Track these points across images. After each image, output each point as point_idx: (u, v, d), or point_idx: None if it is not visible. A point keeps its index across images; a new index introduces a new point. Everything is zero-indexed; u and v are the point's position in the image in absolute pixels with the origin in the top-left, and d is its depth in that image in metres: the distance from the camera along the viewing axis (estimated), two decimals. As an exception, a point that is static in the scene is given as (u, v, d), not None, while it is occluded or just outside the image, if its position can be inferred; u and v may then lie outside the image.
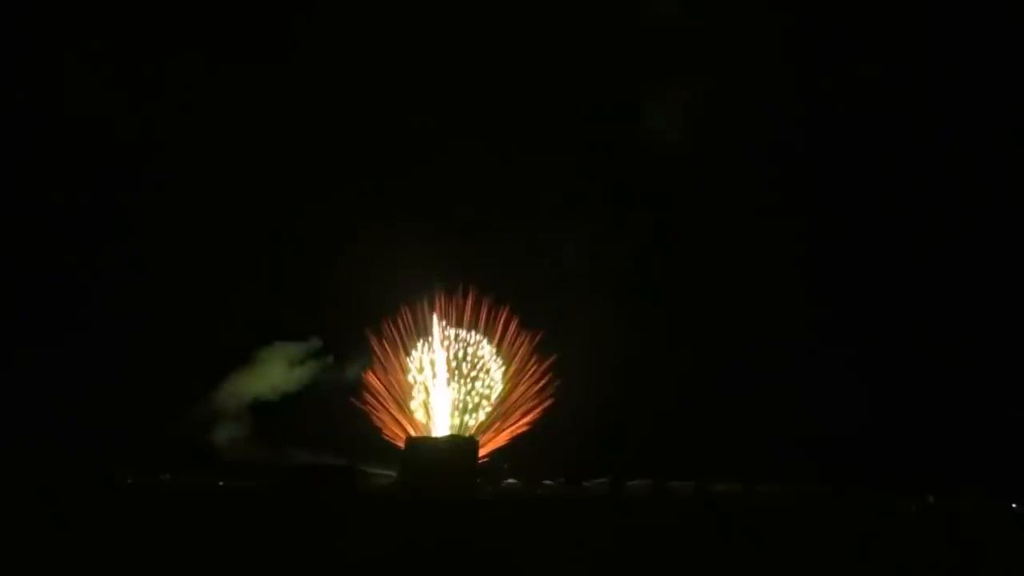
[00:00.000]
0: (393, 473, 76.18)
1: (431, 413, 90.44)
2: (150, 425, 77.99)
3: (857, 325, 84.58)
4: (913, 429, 77.21)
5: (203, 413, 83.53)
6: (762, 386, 77.75)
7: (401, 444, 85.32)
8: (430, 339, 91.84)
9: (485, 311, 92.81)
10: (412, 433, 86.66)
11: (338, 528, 40.13)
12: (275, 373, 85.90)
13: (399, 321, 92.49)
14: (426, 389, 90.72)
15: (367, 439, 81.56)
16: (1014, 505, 71.73)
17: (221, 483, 68.34)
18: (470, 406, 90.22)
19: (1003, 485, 71.35)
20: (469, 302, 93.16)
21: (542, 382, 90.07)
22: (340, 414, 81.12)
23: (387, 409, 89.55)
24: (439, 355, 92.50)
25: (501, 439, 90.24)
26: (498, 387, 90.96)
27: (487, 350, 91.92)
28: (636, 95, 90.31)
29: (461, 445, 78.03)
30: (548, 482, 77.94)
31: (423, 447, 77.09)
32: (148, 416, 78.45)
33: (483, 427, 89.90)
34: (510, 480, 78.10)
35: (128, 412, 78.60)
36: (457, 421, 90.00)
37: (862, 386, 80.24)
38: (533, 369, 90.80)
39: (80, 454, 72.05)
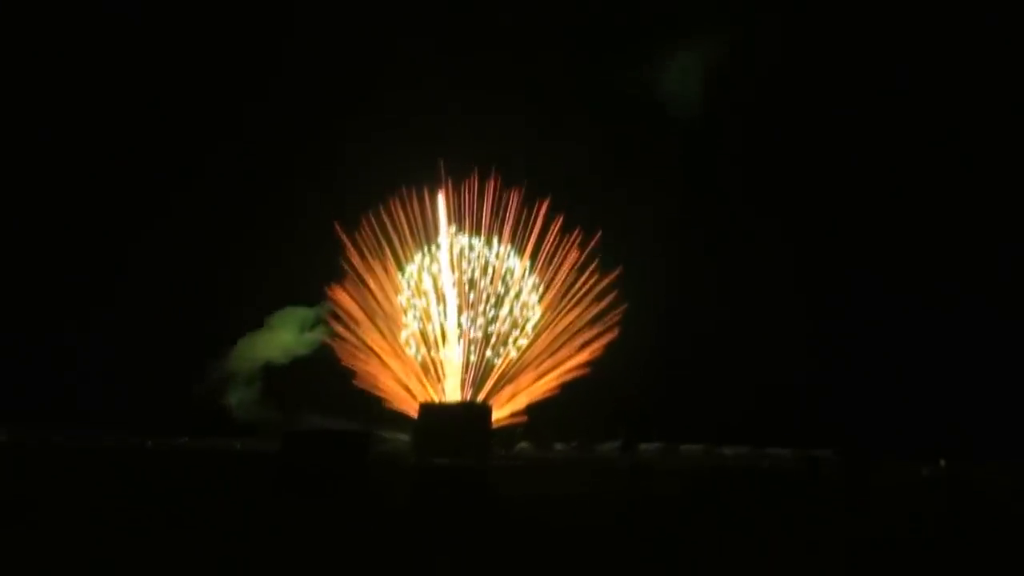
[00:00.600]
0: (406, 437, 77.42)
1: (435, 348, 69.15)
2: (164, 390, 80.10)
3: (871, 286, 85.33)
4: (924, 392, 78.27)
5: (215, 378, 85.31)
6: (773, 349, 78.73)
7: (386, 397, 73.84)
8: (434, 249, 67.83)
9: (514, 206, 67.08)
10: (403, 379, 71.68)
11: (352, 493, 41.30)
12: (286, 337, 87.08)
13: (387, 218, 68.36)
14: (426, 315, 68.16)
15: (379, 403, 79.27)
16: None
17: (238, 446, 69.85)
18: (494, 339, 67.88)
19: (1017, 449, 72.36)
20: (490, 193, 67.36)
21: (601, 305, 67.03)
22: (351, 378, 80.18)
23: (364, 342, 69.37)
24: (447, 268, 67.20)
25: (545, 387, 67.67)
26: (534, 314, 67.74)
27: (517, 263, 67.78)
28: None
29: (474, 410, 73.93)
30: (559, 446, 78.68)
31: (436, 412, 73.82)
32: (162, 381, 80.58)
33: (514, 367, 68.32)
34: (522, 444, 77.97)
35: (143, 377, 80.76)
36: (475, 358, 68.91)
37: (873, 350, 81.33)
38: (587, 287, 67.90)
39: (99, 418, 74.22)
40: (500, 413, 72.78)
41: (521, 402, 70.01)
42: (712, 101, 77.63)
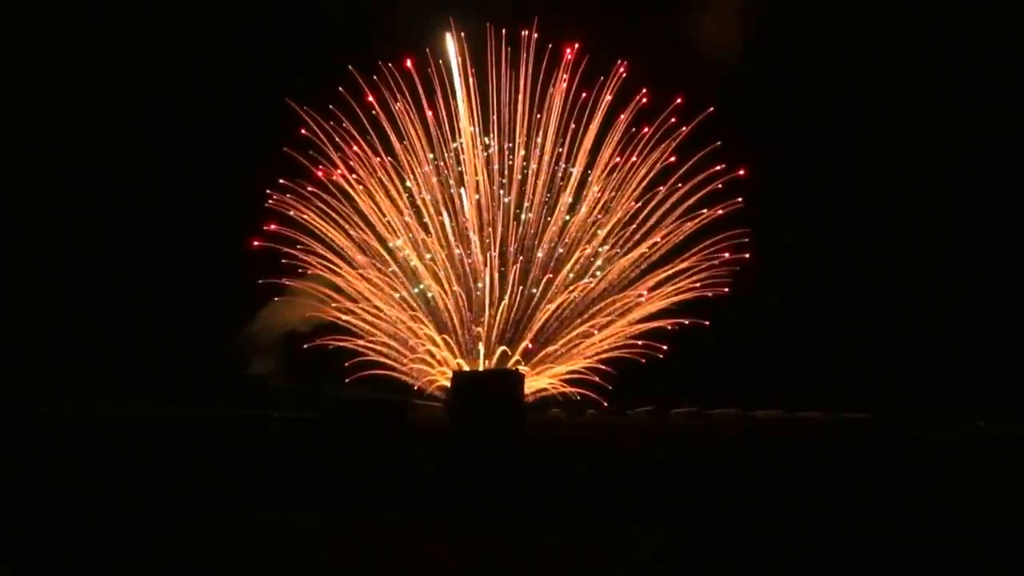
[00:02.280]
0: (438, 404, 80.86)
1: (446, 289, 54.22)
2: (188, 361, 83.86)
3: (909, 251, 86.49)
4: (961, 354, 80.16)
5: (238, 348, 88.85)
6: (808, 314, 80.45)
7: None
8: (456, 146, 51.10)
9: (565, 72, 48.04)
10: (406, 336, 62.59)
11: (394, 462, 44.44)
12: (308, 306, 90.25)
13: (374, 88, 49.98)
14: (424, 243, 51.33)
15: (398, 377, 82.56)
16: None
17: (276, 415, 73.62)
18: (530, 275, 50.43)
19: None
20: (528, 53, 47.54)
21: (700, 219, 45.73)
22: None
23: (334, 269, 54.73)
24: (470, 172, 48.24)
25: (614, 334, 50.57)
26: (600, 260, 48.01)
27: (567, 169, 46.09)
28: None
29: (508, 378, 71.53)
30: (592, 411, 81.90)
31: (468, 381, 71.48)
32: (184, 352, 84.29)
33: (569, 310, 51.27)
34: (554, 410, 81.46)
35: (165, 348, 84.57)
36: (507, 300, 53.72)
37: (910, 312, 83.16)
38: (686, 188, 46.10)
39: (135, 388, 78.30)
40: (538, 382, 62.72)
41: (577, 365, 56.37)
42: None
